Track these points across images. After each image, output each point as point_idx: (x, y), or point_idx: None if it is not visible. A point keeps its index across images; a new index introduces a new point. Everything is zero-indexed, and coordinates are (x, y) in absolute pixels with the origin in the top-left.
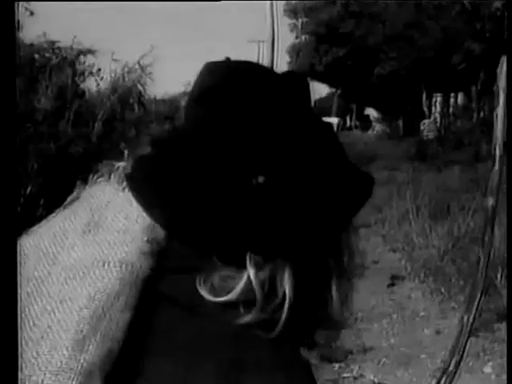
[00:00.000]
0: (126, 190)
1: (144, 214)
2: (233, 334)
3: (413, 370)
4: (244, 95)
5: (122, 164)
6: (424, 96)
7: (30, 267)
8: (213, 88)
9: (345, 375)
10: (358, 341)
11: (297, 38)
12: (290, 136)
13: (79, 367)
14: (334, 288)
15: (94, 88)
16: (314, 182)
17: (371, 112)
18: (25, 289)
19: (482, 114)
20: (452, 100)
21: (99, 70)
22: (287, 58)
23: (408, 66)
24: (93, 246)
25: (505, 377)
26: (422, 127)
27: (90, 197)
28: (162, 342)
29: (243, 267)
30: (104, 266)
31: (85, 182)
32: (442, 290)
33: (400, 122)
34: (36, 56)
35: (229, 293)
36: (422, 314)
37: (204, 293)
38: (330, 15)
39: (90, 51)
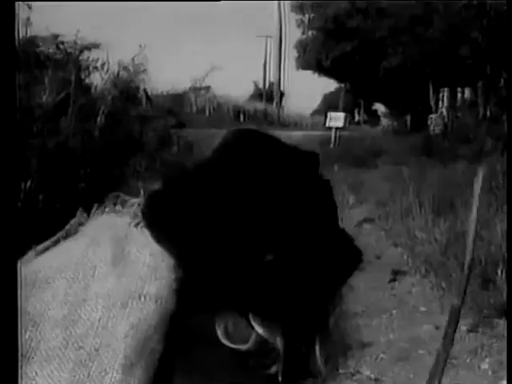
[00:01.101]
0: (140, 226)
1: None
2: (241, 369)
3: (411, 366)
4: (261, 170)
5: (137, 200)
6: (431, 91)
7: (59, 291)
8: (233, 156)
9: (341, 371)
10: (357, 336)
11: (303, 33)
12: (300, 217)
13: None
14: (317, 351)
15: (98, 83)
16: (314, 258)
17: (379, 107)
18: (59, 310)
19: (488, 109)
20: (459, 95)
21: (103, 64)
22: (295, 53)
23: (415, 61)
24: (125, 277)
25: (502, 373)
26: (429, 122)
27: (105, 227)
28: (186, 372)
29: (249, 321)
30: (140, 298)
31: (87, 210)
32: (443, 285)
33: (407, 117)
34: (39, 50)
35: (240, 340)
36: (423, 309)
37: (219, 334)
38: (337, 11)
39: (95, 45)
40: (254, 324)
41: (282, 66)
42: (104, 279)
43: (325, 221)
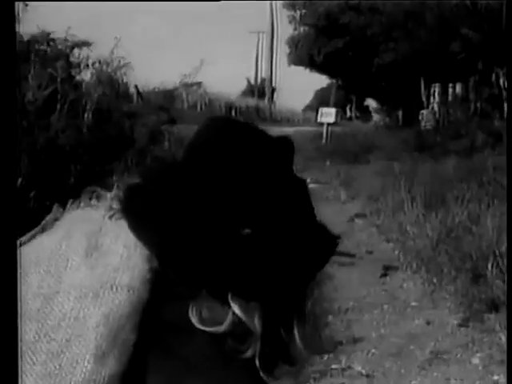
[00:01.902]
0: (114, 218)
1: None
2: (218, 355)
3: (402, 361)
4: (236, 153)
5: (110, 193)
6: (422, 86)
7: (32, 283)
8: (209, 142)
9: (333, 367)
10: (348, 332)
11: (295, 29)
12: (274, 195)
13: (101, 380)
14: (295, 331)
15: (88, 79)
16: (289, 237)
17: (371, 103)
18: (33, 303)
19: (479, 105)
20: (450, 90)
21: (94, 63)
22: (287, 49)
23: (406, 57)
24: (98, 268)
25: (492, 368)
26: (420, 117)
27: (79, 221)
28: (160, 356)
29: (227, 303)
30: (112, 289)
31: (62, 205)
32: (434, 281)
33: (399, 113)
34: (29, 47)
35: (216, 323)
36: (414, 304)
37: (194, 321)
38: (329, 7)
39: (85, 43)
40: (232, 304)
41: (273, 61)
42: (77, 270)
43: (300, 204)
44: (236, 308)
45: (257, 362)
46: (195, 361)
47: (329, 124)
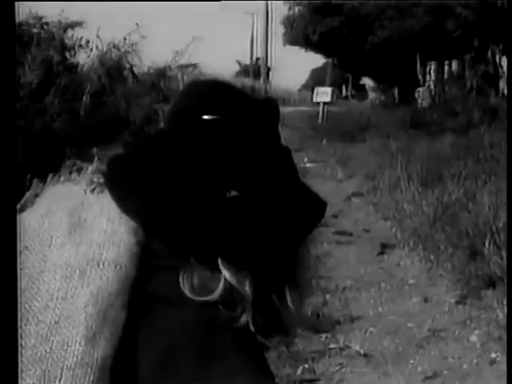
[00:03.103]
0: (96, 191)
1: (125, 217)
2: (208, 324)
3: (399, 339)
4: (220, 116)
5: (91, 166)
6: (418, 64)
7: (17, 263)
8: (193, 105)
9: (331, 346)
10: (346, 310)
11: (290, 9)
12: (260, 157)
13: (94, 362)
14: (288, 296)
15: (83, 62)
16: (276, 201)
17: (367, 81)
18: (20, 283)
19: (474, 82)
20: (446, 68)
21: (88, 42)
22: (282, 29)
23: (402, 35)
24: (83, 245)
25: (490, 345)
26: (416, 95)
27: (60, 196)
28: (150, 333)
29: (217, 269)
30: (99, 265)
31: (43, 180)
32: (431, 258)
33: (395, 91)
34: (22, 30)
35: (207, 292)
36: (411, 281)
37: (186, 291)
38: None
39: (78, 23)
40: (222, 270)
41: (269, 42)
42: (61, 248)
43: (285, 167)
44: (227, 273)
45: (252, 328)
46: (184, 334)
47: (325, 103)
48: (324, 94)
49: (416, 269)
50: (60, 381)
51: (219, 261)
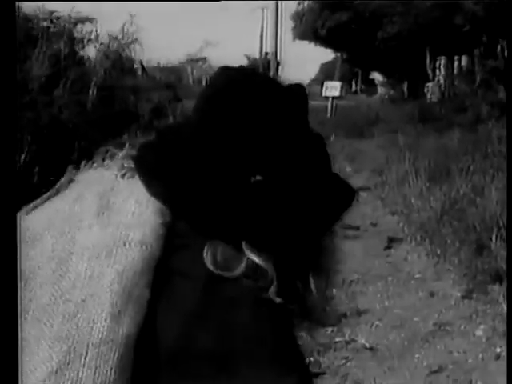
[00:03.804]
0: (126, 176)
1: (152, 199)
2: (229, 299)
3: (405, 333)
4: (248, 102)
5: (122, 152)
6: (428, 59)
7: (47, 246)
8: (222, 91)
9: (337, 340)
10: (352, 304)
11: (299, 4)
12: (286, 143)
13: (119, 339)
14: (312, 284)
15: (92, 55)
16: (303, 187)
17: (376, 76)
18: (47, 266)
19: (484, 77)
20: (456, 63)
21: (97, 36)
22: (291, 24)
23: (411, 29)
24: (110, 227)
25: (496, 340)
26: (425, 90)
27: (92, 181)
28: (171, 309)
29: (241, 250)
30: (125, 245)
31: (76, 166)
32: (438, 252)
33: (404, 85)
34: (32, 25)
35: (231, 268)
36: (418, 276)
37: (210, 266)
38: None
39: (88, 19)
40: (246, 251)
41: (278, 36)
42: (89, 230)
43: (314, 153)
44: (250, 254)
45: (277, 300)
46: (205, 309)
47: (334, 98)
48: (333, 88)
49: (423, 263)
50: (86, 357)
51: (243, 243)
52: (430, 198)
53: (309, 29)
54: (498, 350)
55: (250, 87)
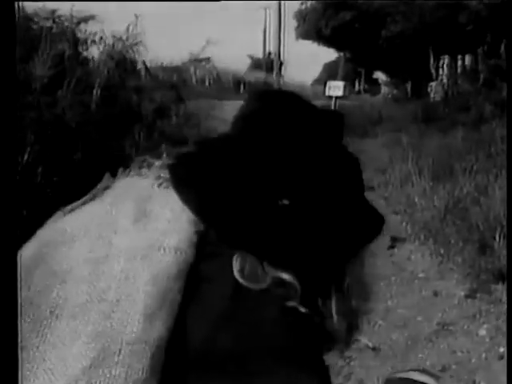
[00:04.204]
0: (162, 186)
1: (186, 209)
2: (256, 306)
3: (408, 333)
4: (284, 124)
5: (158, 162)
6: (431, 58)
7: (83, 248)
8: (259, 112)
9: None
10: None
11: (302, 3)
12: (318, 168)
13: (151, 340)
14: (333, 303)
15: (95, 56)
16: (330, 213)
17: (380, 76)
18: (84, 267)
19: (487, 76)
20: (459, 62)
21: (101, 37)
22: (294, 24)
23: (415, 29)
24: (146, 232)
25: (499, 340)
26: (429, 89)
27: (128, 189)
28: (199, 313)
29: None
30: (160, 250)
31: (113, 173)
32: (442, 252)
33: (408, 85)
34: (35, 26)
35: (258, 280)
36: (421, 275)
37: (237, 276)
38: None
39: (92, 17)
40: (267, 269)
41: (281, 36)
42: (126, 234)
43: (346, 179)
44: (273, 271)
45: (302, 309)
46: (231, 314)
47: (337, 97)
48: (336, 88)
49: (426, 263)
50: (119, 355)
51: (265, 263)
52: (433, 197)
53: (312, 28)
54: (502, 349)
55: (288, 110)
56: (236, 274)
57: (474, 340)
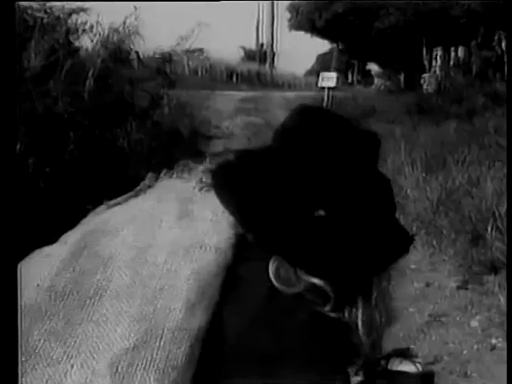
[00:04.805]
0: (204, 190)
1: (226, 213)
2: (289, 308)
3: (401, 324)
4: (323, 139)
5: (201, 167)
6: (424, 50)
7: (128, 237)
8: (300, 127)
9: None
10: None
11: None
12: (353, 183)
13: (191, 329)
14: (359, 318)
15: (87, 46)
16: (363, 227)
17: (373, 67)
18: (127, 253)
19: (480, 68)
20: (452, 54)
21: (92, 27)
22: (288, 15)
23: (408, 21)
24: (189, 230)
25: (491, 331)
26: (422, 81)
27: (171, 189)
28: (235, 311)
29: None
30: (201, 248)
31: (156, 174)
32: (434, 243)
33: (401, 77)
34: (27, 16)
35: (292, 284)
36: (413, 266)
37: (272, 279)
38: None
39: (83, 9)
40: (300, 275)
41: (274, 27)
42: (169, 230)
43: (378, 198)
44: (305, 277)
45: (332, 314)
46: (265, 314)
47: (329, 88)
48: (329, 79)
49: (418, 254)
50: (161, 340)
51: (297, 269)
52: (426, 188)
53: (305, 20)
54: (494, 341)
55: (327, 127)
56: (271, 276)
57: (466, 331)
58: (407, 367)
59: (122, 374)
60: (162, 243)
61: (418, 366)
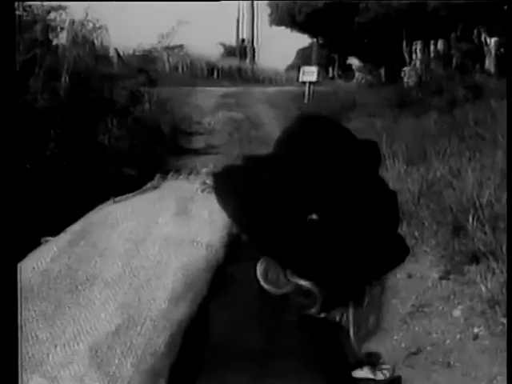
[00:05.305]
0: (206, 191)
1: (223, 214)
2: (276, 308)
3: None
4: (321, 147)
5: (205, 169)
6: (404, 43)
7: (125, 230)
8: (302, 134)
9: None
10: None
11: None
12: (348, 190)
13: (173, 320)
14: (350, 319)
15: (64, 43)
16: (358, 233)
17: (353, 61)
18: (122, 245)
19: (460, 60)
20: (432, 47)
21: (73, 23)
22: (268, 10)
23: (387, 14)
24: (183, 227)
25: (473, 320)
26: (402, 74)
27: (175, 189)
28: (222, 310)
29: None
30: (193, 244)
31: (164, 176)
32: (416, 235)
33: (382, 70)
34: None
35: (280, 285)
36: None
37: (260, 279)
38: None
39: (61, 7)
40: (289, 276)
41: (255, 22)
42: (164, 226)
43: (376, 208)
44: (294, 279)
45: (322, 315)
46: (252, 313)
47: (310, 83)
48: (310, 73)
49: None
50: (142, 327)
51: (288, 271)
52: (407, 180)
53: (285, 15)
54: (476, 329)
55: (328, 135)
56: (259, 277)
57: (449, 321)
58: (364, 373)
59: (101, 357)
60: (155, 237)
61: (386, 372)
